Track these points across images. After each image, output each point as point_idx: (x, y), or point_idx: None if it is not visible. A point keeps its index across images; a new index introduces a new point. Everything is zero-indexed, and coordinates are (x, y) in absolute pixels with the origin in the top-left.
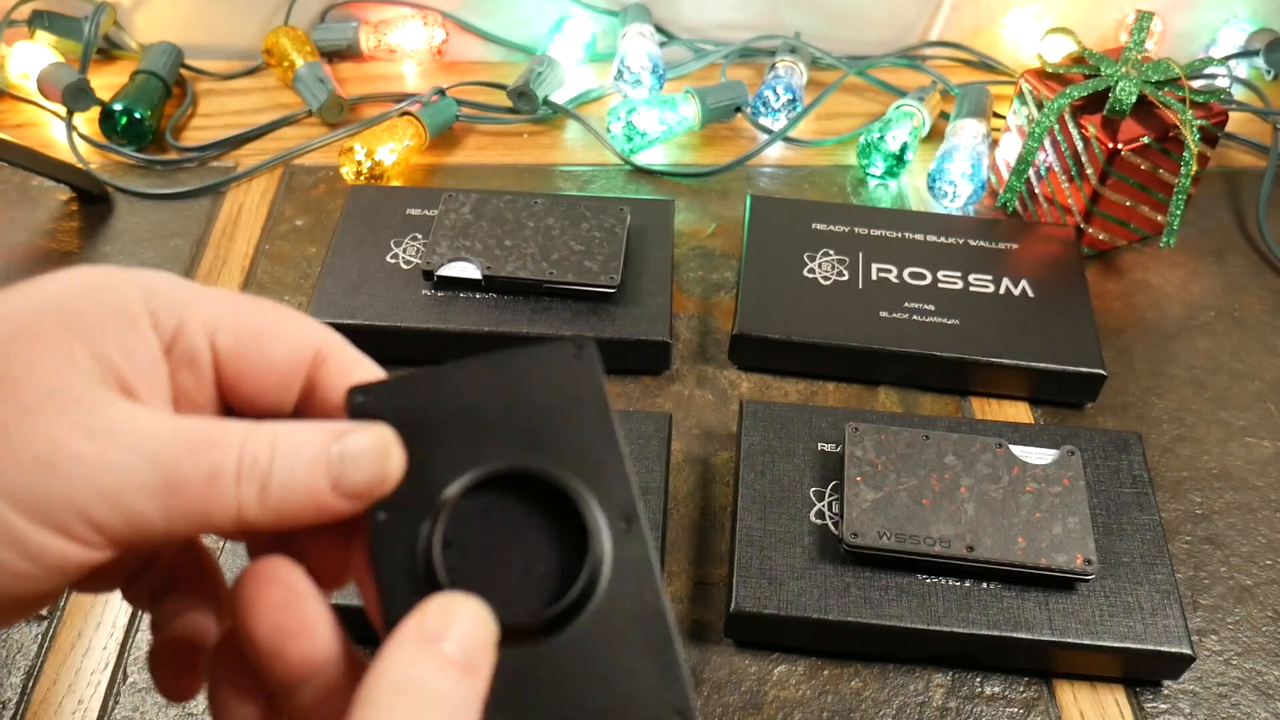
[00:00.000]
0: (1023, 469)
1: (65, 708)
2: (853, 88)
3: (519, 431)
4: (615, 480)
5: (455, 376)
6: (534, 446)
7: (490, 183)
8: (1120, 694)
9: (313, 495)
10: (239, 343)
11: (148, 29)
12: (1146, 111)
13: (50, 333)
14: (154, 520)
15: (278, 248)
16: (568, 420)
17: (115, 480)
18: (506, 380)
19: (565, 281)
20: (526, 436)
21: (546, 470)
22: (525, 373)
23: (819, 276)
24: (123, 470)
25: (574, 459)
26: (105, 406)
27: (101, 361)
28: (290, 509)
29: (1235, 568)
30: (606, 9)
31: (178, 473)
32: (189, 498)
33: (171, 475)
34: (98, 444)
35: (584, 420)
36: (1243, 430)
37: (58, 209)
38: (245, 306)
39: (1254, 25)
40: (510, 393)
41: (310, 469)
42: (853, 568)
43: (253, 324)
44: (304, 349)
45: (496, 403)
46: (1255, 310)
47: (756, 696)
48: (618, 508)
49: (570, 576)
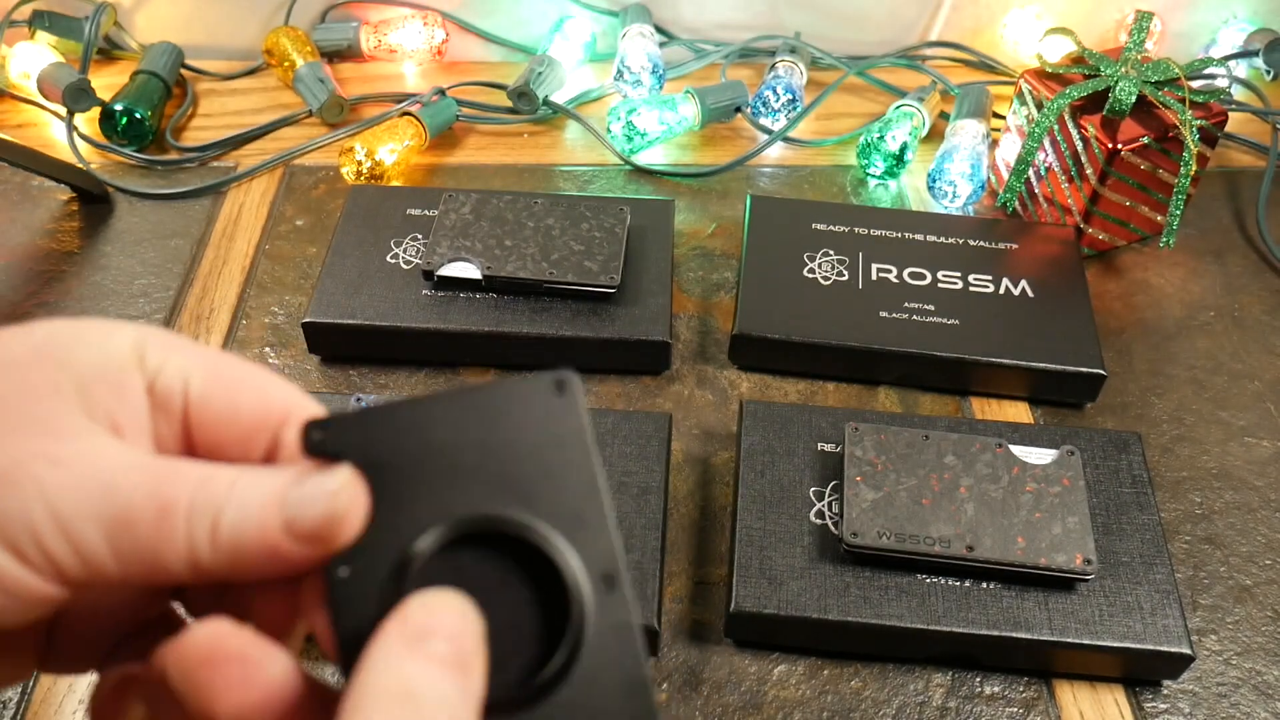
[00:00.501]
0: (1023, 469)
1: (65, 708)
2: (853, 88)
3: (493, 477)
4: (597, 535)
5: (424, 412)
6: (510, 494)
7: (490, 183)
8: (1120, 694)
9: (264, 537)
10: (208, 389)
11: (148, 29)
12: (1146, 111)
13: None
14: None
15: (278, 248)
16: (547, 465)
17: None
18: (480, 418)
19: (565, 281)
20: (501, 483)
21: (524, 528)
22: (501, 410)
23: (819, 276)
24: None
25: (552, 510)
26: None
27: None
28: (243, 552)
29: (1235, 568)
30: (606, 9)
31: (129, 504)
32: (138, 532)
33: (122, 506)
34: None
35: (565, 466)
36: (1242, 430)
37: (58, 209)
38: (224, 360)
39: (1254, 25)
40: (484, 432)
41: (263, 509)
42: (853, 568)
43: (227, 375)
44: (273, 407)
45: (469, 443)
46: (1255, 310)
47: (756, 696)
48: (599, 566)
49: (550, 640)
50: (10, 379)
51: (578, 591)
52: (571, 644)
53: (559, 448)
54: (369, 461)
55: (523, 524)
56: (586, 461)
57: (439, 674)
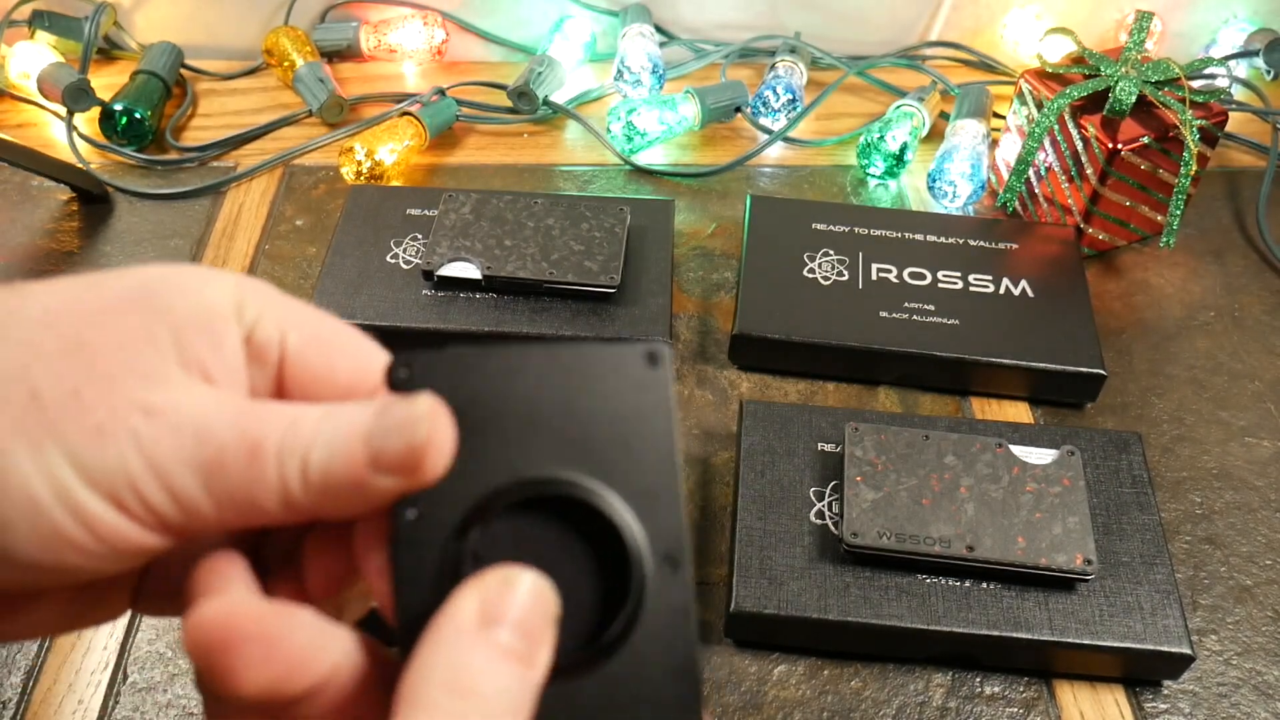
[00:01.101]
0: (1023, 469)
1: (65, 707)
2: (853, 88)
3: (573, 440)
4: (667, 514)
5: (511, 361)
6: (586, 460)
7: (490, 183)
8: (1120, 694)
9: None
10: (307, 345)
11: (148, 29)
12: (1146, 111)
13: (139, 313)
14: (198, 499)
15: (278, 248)
16: (628, 436)
17: (163, 456)
18: (568, 377)
19: (565, 281)
20: (580, 447)
21: (594, 495)
22: (590, 372)
23: (819, 276)
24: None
25: (626, 482)
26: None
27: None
28: (333, 487)
29: (1235, 568)
30: (606, 9)
31: (222, 449)
32: (231, 475)
33: (216, 451)
34: (153, 420)
35: (645, 439)
36: (1242, 430)
37: (58, 209)
38: (324, 319)
39: (1254, 25)
40: (570, 393)
41: (349, 443)
42: (853, 568)
43: (326, 334)
44: (369, 370)
45: (553, 401)
46: (1255, 310)
47: (756, 696)
48: (664, 546)
49: (607, 613)
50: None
51: (640, 564)
52: (629, 617)
53: (641, 420)
54: (452, 403)
55: (593, 491)
56: (667, 438)
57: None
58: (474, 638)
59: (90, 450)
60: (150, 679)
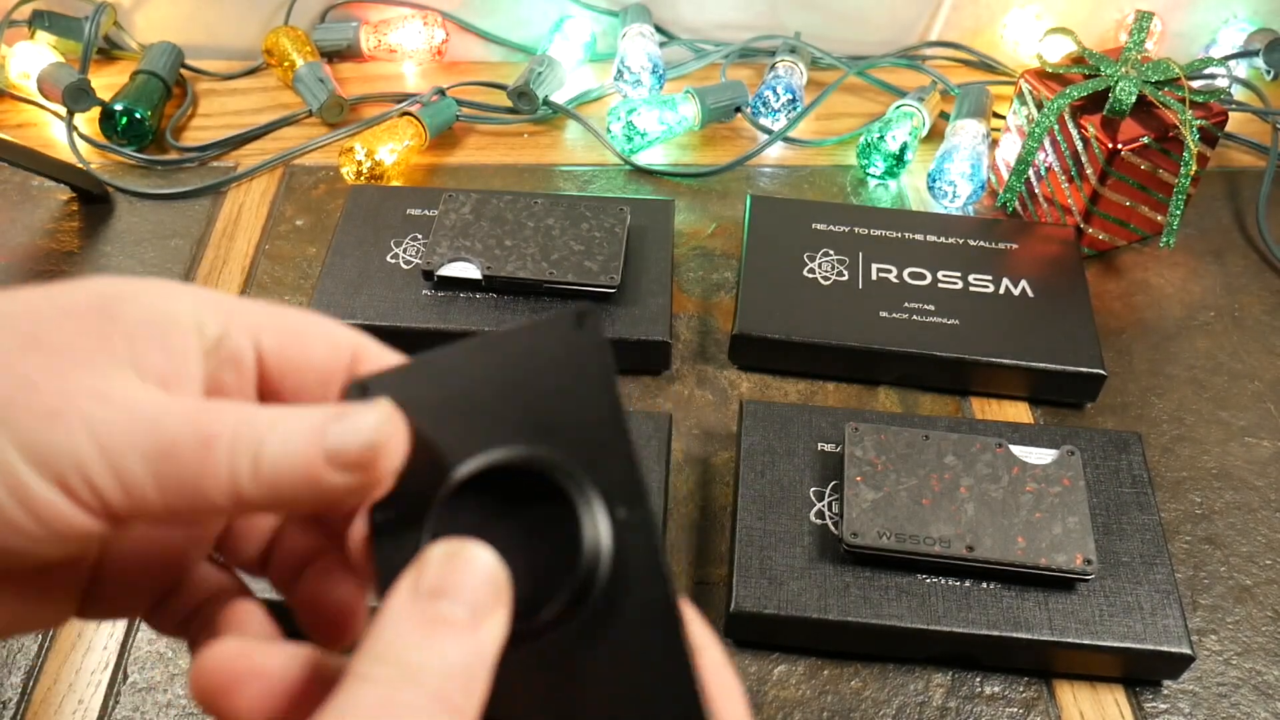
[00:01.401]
0: (1023, 469)
1: (65, 707)
2: (853, 88)
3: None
4: (617, 462)
5: (452, 360)
6: (534, 430)
7: (490, 183)
8: (1120, 694)
9: (307, 467)
10: (282, 342)
11: (148, 29)
12: (1146, 111)
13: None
14: (145, 487)
15: (278, 248)
16: (568, 398)
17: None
18: (505, 361)
19: (565, 281)
20: (524, 421)
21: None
22: (525, 350)
23: (819, 276)
24: (121, 431)
25: (573, 442)
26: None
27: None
28: (285, 483)
29: (1235, 568)
30: (606, 9)
31: (173, 437)
32: (181, 463)
33: (166, 439)
34: (106, 406)
35: (586, 398)
36: (1242, 430)
37: (58, 209)
38: (286, 311)
39: (1254, 25)
40: (509, 373)
41: (305, 439)
42: (853, 568)
43: (293, 326)
44: (342, 348)
45: (495, 386)
46: (1255, 310)
47: (756, 696)
48: (619, 493)
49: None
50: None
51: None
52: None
53: (580, 379)
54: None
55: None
56: (606, 391)
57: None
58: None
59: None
60: (150, 679)
